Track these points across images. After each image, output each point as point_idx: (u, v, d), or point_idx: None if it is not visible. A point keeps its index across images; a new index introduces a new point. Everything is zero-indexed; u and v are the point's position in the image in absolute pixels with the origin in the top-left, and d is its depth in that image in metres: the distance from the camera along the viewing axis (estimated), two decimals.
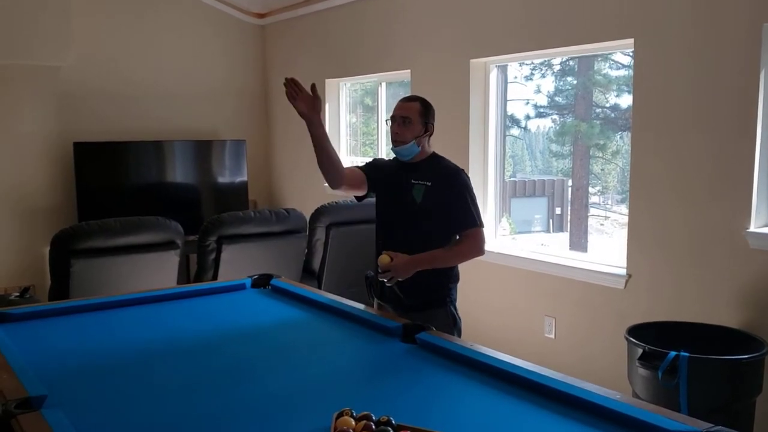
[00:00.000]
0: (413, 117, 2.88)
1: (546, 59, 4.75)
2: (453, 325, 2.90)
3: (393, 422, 1.67)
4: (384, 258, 2.77)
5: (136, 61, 6.32)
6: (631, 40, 3.73)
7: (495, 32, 4.51)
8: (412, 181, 2.89)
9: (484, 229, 2.91)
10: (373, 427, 1.65)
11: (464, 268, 4.59)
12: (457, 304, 2.99)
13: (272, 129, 7.10)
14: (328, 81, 6.19)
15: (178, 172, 6.52)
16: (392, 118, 2.92)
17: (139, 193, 6.26)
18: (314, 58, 6.31)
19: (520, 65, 4.87)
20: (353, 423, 1.68)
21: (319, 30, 6.23)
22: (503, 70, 4.83)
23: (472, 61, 4.67)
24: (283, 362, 2.34)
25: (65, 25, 5.55)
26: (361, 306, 2.85)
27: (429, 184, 2.86)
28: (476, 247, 2.87)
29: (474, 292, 4.75)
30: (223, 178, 6.66)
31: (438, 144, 5.05)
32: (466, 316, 4.75)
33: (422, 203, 2.85)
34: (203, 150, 6.54)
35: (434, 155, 3.01)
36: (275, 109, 7.00)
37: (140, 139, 6.26)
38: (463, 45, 4.73)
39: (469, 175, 4.72)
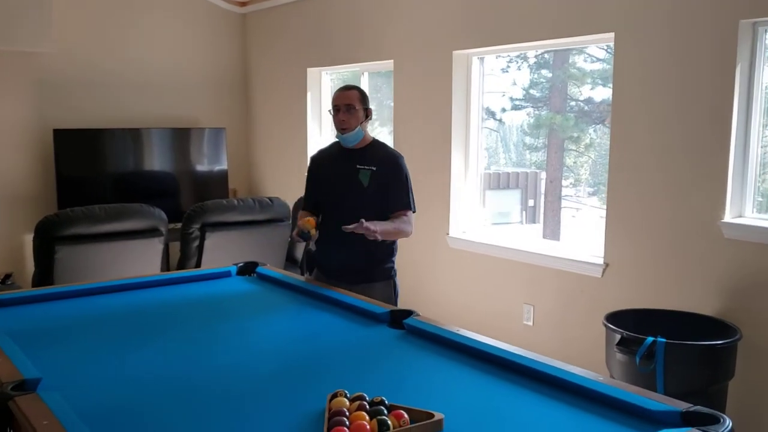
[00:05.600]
0: (356, 104, 3.10)
1: (522, 52, 4.80)
2: (395, 296, 3.20)
3: (386, 402, 1.72)
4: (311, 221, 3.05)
5: (117, 49, 6.26)
6: (612, 34, 3.81)
7: (478, 24, 4.55)
8: (358, 167, 3.13)
9: (414, 214, 3.19)
10: (368, 407, 1.70)
11: (444, 257, 4.67)
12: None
13: (252, 117, 7.09)
14: (309, 70, 6.20)
15: (156, 160, 6.48)
16: (335, 107, 3.13)
17: (118, 181, 6.22)
18: (295, 47, 6.31)
19: (497, 57, 4.92)
20: (348, 404, 1.72)
21: (300, 19, 6.23)
22: (483, 62, 4.87)
23: (455, 52, 4.72)
24: (273, 347, 2.38)
25: (46, 12, 5.48)
26: (348, 293, 2.89)
27: (374, 169, 3.11)
28: (410, 227, 3.15)
29: (454, 280, 4.83)
30: (203, 167, 6.64)
31: (420, 135, 5.12)
32: (446, 303, 4.84)
33: (369, 186, 3.11)
34: (182, 138, 6.51)
35: (375, 141, 3.26)
36: (256, 97, 6.99)
37: (120, 126, 6.21)
38: (446, 36, 4.77)
39: (451, 166, 4.84)
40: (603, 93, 4.68)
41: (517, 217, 5.92)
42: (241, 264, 3.38)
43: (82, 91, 6.09)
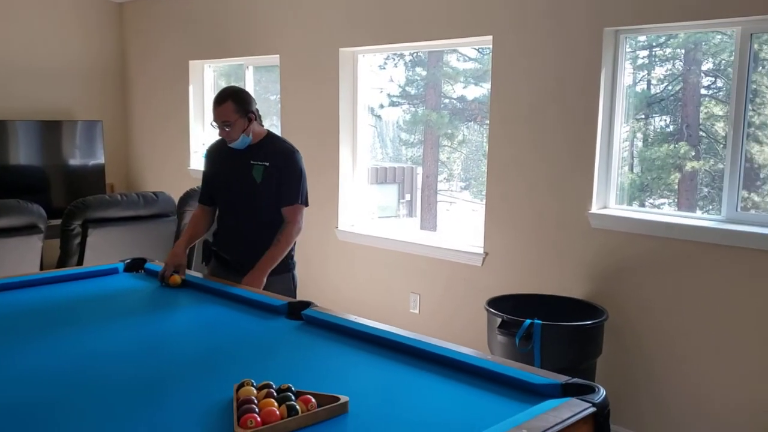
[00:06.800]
0: (231, 118, 3.06)
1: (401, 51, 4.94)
2: (294, 288, 3.28)
3: (293, 389, 1.78)
4: (176, 278, 3.04)
5: None
6: (490, 37, 4.03)
7: (364, 23, 4.66)
8: (251, 162, 3.14)
9: (305, 207, 3.22)
10: (275, 394, 1.76)
11: (334, 250, 4.77)
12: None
13: (130, 110, 6.87)
14: (191, 62, 6.09)
15: (24, 153, 6.14)
16: (213, 124, 3.12)
17: None
18: (177, 39, 6.18)
19: (374, 55, 5.03)
20: (255, 392, 1.77)
21: (182, 9, 6.10)
22: (364, 58, 4.96)
23: (341, 49, 4.81)
24: (173, 342, 2.38)
25: None
26: (244, 286, 2.92)
27: (267, 164, 3.13)
28: (296, 225, 3.16)
29: (343, 272, 4.93)
30: (76, 161, 6.35)
31: (308, 130, 5.17)
32: (336, 294, 4.93)
33: (262, 182, 3.12)
34: (53, 131, 6.20)
35: (269, 136, 3.26)
36: (135, 89, 6.78)
37: None
38: (332, 33, 4.85)
39: (339, 161, 4.92)
40: (475, 92, 4.91)
41: (395, 211, 6.08)
42: (128, 260, 3.31)
43: None
